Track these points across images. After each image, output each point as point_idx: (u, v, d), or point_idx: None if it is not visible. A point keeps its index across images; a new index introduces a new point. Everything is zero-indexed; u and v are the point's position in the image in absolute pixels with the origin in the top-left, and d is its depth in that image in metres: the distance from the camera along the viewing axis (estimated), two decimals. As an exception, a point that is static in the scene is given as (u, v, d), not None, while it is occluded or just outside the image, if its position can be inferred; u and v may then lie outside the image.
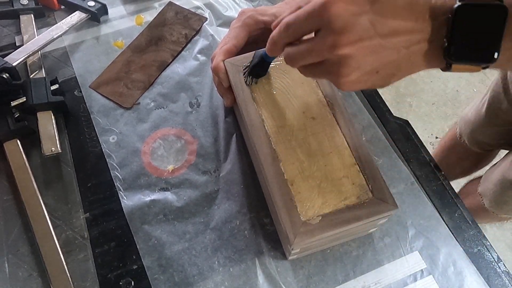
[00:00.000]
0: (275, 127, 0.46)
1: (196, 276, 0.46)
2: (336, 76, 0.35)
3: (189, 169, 0.53)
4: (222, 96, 0.54)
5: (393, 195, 0.42)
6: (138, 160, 0.53)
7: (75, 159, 0.53)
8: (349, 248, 0.48)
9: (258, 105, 0.47)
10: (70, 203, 0.50)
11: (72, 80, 0.60)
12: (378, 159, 0.54)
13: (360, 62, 0.33)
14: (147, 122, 0.56)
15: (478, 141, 0.84)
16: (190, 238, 0.48)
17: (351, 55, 0.33)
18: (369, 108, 0.58)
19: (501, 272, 0.47)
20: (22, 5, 0.63)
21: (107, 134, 0.55)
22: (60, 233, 0.48)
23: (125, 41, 0.63)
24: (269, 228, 0.49)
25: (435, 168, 0.54)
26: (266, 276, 0.46)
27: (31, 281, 0.46)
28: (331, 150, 0.44)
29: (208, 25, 0.65)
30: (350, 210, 0.41)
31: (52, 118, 0.54)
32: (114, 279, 0.46)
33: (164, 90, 0.59)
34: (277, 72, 0.49)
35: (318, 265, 0.47)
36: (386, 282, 0.46)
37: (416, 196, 0.51)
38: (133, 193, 0.51)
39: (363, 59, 0.33)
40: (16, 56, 0.56)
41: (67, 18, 0.62)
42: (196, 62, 0.61)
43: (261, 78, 0.48)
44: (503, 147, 0.82)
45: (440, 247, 0.48)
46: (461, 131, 0.88)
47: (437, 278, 0.47)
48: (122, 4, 0.67)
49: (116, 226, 0.49)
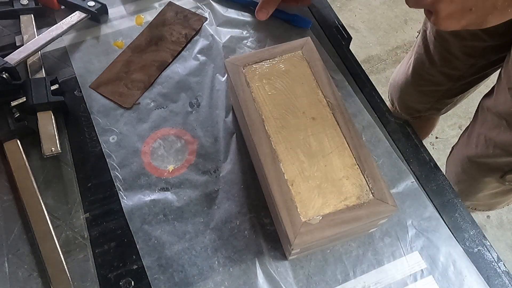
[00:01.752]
0: (275, 127, 0.46)
1: (196, 276, 0.46)
2: (433, 10, 0.36)
3: (189, 169, 0.53)
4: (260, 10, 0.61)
5: (393, 195, 0.42)
6: (138, 160, 0.53)
7: (75, 159, 0.53)
8: (349, 248, 0.48)
9: (258, 105, 0.47)
10: (70, 203, 0.50)
11: (72, 80, 0.60)
12: (378, 159, 0.54)
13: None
14: (147, 122, 0.56)
15: (407, 106, 0.89)
16: (190, 238, 0.48)
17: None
18: (369, 108, 0.58)
19: (501, 272, 0.47)
20: (22, 5, 0.63)
21: (107, 134, 0.55)
22: (60, 233, 0.48)
23: (125, 41, 0.63)
24: (269, 228, 0.49)
25: (435, 168, 0.54)
26: (266, 276, 0.46)
27: (31, 281, 0.46)
28: (331, 150, 0.44)
29: (208, 25, 0.65)
30: (350, 210, 0.41)
31: (52, 118, 0.54)
32: (114, 279, 0.46)
33: (164, 90, 0.59)
34: (277, 72, 0.49)
35: (318, 265, 0.47)
36: (386, 282, 0.46)
37: (416, 196, 0.51)
38: (133, 193, 0.51)
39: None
40: (16, 56, 0.56)
41: (67, 18, 0.62)
42: (196, 62, 0.61)
43: (261, 78, 0.49)
44: (430, 112, 0.88)
45: (440, 247, 0.48)
46: (392, 97, 0.93)
47: (437, 278, 0.47)
48: (122, 4, 0.67)
49: (116, 226, 0.49)
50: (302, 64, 0.50)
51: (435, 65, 0.75)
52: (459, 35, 0.67)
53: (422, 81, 0.80)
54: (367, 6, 1.87)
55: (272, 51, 0.51)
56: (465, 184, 0.80)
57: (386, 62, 1.74)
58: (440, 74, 0.76)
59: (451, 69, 0.74)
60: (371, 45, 1.78)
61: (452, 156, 0.84)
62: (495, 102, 0.65)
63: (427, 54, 0.75)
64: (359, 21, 1.83)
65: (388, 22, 1.84)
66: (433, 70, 0.76)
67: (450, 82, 0.77)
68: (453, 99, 0.83)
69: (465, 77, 0.75)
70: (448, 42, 0.70)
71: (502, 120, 0.63)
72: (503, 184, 0.73)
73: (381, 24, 1.83)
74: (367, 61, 1.73)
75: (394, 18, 1.85)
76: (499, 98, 0.63)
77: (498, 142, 0.65)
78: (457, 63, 0.72)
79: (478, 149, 0.71)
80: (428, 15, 0.39)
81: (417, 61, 0.79)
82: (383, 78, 1.69)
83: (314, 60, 0.50)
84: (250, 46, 0.63)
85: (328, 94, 0.48)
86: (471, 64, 0.71)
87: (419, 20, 1.86)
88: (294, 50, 0.51)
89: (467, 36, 0.66)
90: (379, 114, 0.58)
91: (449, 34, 0.68)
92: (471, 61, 0.70)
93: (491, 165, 0.71)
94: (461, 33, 0.66)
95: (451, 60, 0.72)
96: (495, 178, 0.72)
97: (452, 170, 0.83)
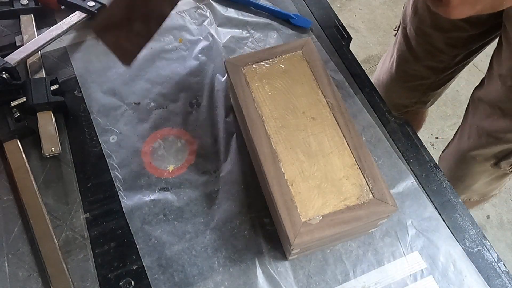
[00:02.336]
0: (275, 127, 0.46)
1: (196, 276, 0.46)
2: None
3: (189, 169, 0.53)
4: None
5: (393, 195, 0.42)
6: (138, 160, 0.53)
7: (75, 159, 0.53)
8: (349, 248, 0.48)
9: (258, 105, 0.47)
10: (70, 203, 0.50)
11: (72, 80, 0.60)
12: (378, 159, 0.54)
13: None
14: (147, 122, 0.56)
15: (395, 103, 0.89)
16: (190, 238, 0.48)
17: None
18: (369, 108, 0.58)
19: (501, 272, 0.47)
20: (22, 5, 0.63)
21: (107, 134, 0.55)
22: (60, 233, 0.48)
23: (125, 41, 0.63)
24: (269, 228, 0.49)
25: (435, 168, 0.54)
26: (266, 276, 0.46)
27: (31, 281, 0.46)
28: (331, 150, 0.44)
29: (208, 25, 0.65)
30: (350, 210, 0.41)
31: (52, 118, 0.54)
32: (114, 279, 0.46)
33: (164, 90, 0.59)
34: (277, 72, 0.49)
35: (318, 265, 0.47)
36: (386, 282, 0.46)
37: (416, 196, 0.51)
38: (133, 193, 0.51)
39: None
40: (16, 56, 0.56)
41: (67, 18, 0.62)
42: (196, 62, 0.61)
43: (261, 78, 0.49)
44: (416, 106, 0.89)
45: (440, 247, 0.48)
46: None
47: (437, 278, 0.47)
48: (122, 4, 0.67)
49: (116, 226, 0.49)
50: (302, 64, 0.50)
51: (419, 60, 0.75)
52: (442, 28, 0.67)
53: (407, 77, 0.81)
54: (367, 6, 1.87)
55: (272, 51, 0.51)
56: (460, 178, 0.81)
57: (386, 62, 1.73)
58: (425, 68, 0.77)
59: (435, 62, 0.74)
60: (371, 45, 1.78)
61: (446, 153, 0.85)
62: (487, 91, 0.65)
63: (410, 50, 0.75)
64: (359, 21, 1.83)
65: (388, 22, 1.84)
66: (418, 65, 0.76)
67: (435, 74, 0.78)
68: (438, 90, 0.84)
69: (449, 68, 0.75)
70: (430, 36, 0.70)
71: (495, 108, 0.64)
72: (497, 171, 0.74)
73: (381, 24, 1.83)
74: (367, 61, 1.73)
75: (394, 18, 1.85)
76: (491, 87, 0.64)
77: (491, 131, 0.66)
78: (441, 55, 0.72)
79: (471, 140, 0.72)
80: (435, 4, 0.37)
81: (400, 59, 0.79)
82: (383, 78, 1.69)
83: (314, 60, 0.50)
84: (250, 46, 0.63)
85: (328, 94, 0.48)
86: (454, 55, 0.72)
87: (419, 20, 1.86)
88: (294, 50, 0.51)
89: (450, 27, 0.67)
90: (379, 114, 0.58)
91: (431, 28, 0.68)
92: (454, 52, 0.71)
93: (485, 155, 0.71)
94: (444, 25, 0.67)
95: (434, 53, 0.72)
96: (490, 166, 0.73)
97: (445, 166, 0.84)
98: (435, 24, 0.67)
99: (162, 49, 0.63)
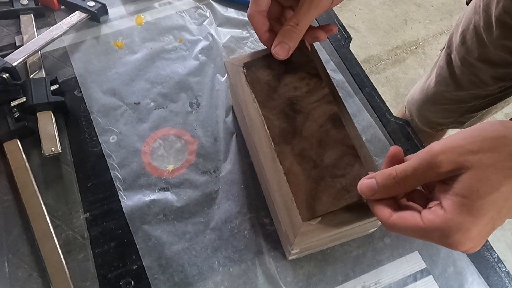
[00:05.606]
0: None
1: (196, 276, 0.46)
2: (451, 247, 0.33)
3: (189, 169, 0.53)
4: (265, 44, 0.48)
5: (393, 195, 0.42)
6: (138, 160, 0.53)
7: (75, 159, 0.53)
8: (349, 248, 0.48)
9: (258, 105, 0.47)
10: (70, 203, 0.50)
11: (72, 80, 0.60)
12: (378, 159, 0.54)
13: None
14: (147, 122, 0.56)
15: (429, 121, 0.87)
16: (190, 238, 0.48)
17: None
18: (369, 108, 0.58)
19: (501, 272, 0.47)
20: (22, 5, 0.63)
21: (107, 134, 0.55)
22: (60, 233, 0.48)
23: (125, 41, 0.63)
24: (269, 228, 0.49)
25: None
26: (266, 276, 0.46)
27: (31, 281, 0.46)
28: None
29: (208, 25, 0.65)
30: (350, 210, 0.41)
31: (52, 118, 0.54)
32: (114, 279, 0.46)
33: (164, 90, 0.59)
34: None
35: (318, 265, 0.47)
36: (386, 282, 0.46)
37: (416, 196, 0.51)
38: (133, 193, 0.51)
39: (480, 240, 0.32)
40: (16, 56, 0.56)
41: (67, 18, 0.62)
42: (196, 62, 0.61)
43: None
44: (452, 125, 0.86)
45: (440, 247, 0.48)
46: (411, 113, 0.92)
47: (437, 278, 0.47)
48: (122, 4, 0.67)
49: (116, 226, 0.49)
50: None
51: (462, 88, 0.72)
52: (491, 62, 0.64)
53: (445, 100, 0.78)
54: (367, 6, 1.88)
55: (272, 51, 0.51)
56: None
57: (386, 62, 1.74)
58: (465, 94, 0.73)
59: (478, 91, 0.71)
60: (371, 45, 1.78)
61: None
62: None
63: (453, 78, 0.72)
64: (359, 21, 1.83)
65: (388, 22, 1.84)
66: (458, 92, 0.73)
67: (476, 100, 0.74)
68: (479, 113, 0.79)
69: (492, 95, 0.72)
70: (477, 68, 0.67)
71: None
72: None
73: (381, 24, 1.83)
74: (367, 61, 1.73)
75: (394, 18, 1.85)
76: None
77: None
78: (486, 87, 0.69)
79: None
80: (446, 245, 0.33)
81: (440, 84, 0.76)
82: (383, 78, 1.70)
83: (314, 60, 0.50)
84: (250, 46, 0.63)
85: (328, 94, 0.48)
86: (500, 85, 0.68)
87: (419, 20, 1.86)
88: (294, 50, 0.51)
89: (499, 62, 0.63)
90: (379, 114, 0.58)
91: (479, 61, 0.66)
92: (500, 83, 0.68)
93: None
94: (493, 59, 0.64)
95: (479, 84, 0.69)
96: None
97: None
98: (484, 57, 0.64)
99: (162, 49, 0.63)
